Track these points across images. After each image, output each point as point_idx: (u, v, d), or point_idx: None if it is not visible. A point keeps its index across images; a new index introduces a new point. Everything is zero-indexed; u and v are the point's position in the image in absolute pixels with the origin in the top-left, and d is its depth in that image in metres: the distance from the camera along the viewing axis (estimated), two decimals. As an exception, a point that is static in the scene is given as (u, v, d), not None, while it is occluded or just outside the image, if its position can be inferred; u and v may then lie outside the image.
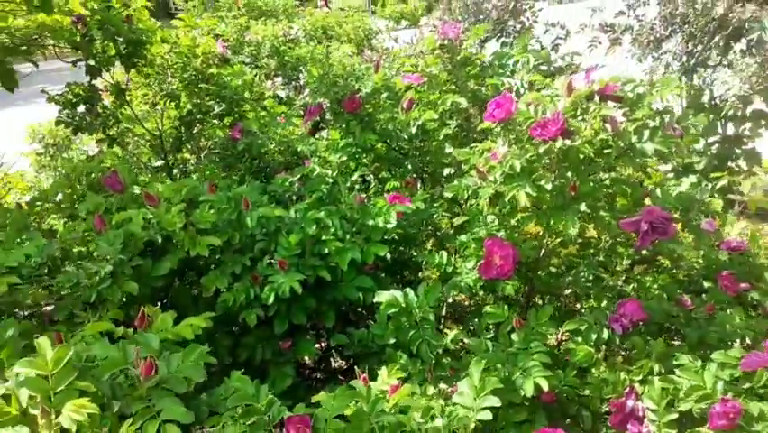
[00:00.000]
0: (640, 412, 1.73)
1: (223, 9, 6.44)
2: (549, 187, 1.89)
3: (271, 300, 1.89)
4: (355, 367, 1.53)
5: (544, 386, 1.74)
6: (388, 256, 2.52)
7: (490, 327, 2.17)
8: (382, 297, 1.87)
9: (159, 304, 2.05)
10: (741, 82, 3.60)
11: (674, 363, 1.78)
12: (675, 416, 1.64)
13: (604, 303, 2.17)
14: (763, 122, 5.21)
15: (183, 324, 1.41)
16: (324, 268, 2.02)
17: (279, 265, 1.93)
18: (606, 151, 2.00)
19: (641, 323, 2.02)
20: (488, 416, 1.39)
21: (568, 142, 1.84)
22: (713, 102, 5.29)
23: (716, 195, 4.83)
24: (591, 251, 2.29)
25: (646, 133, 1.94)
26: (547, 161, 1.96)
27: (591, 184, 1.95)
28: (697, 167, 5.39)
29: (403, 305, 1.86)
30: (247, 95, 3.38)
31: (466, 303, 2.81)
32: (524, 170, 1.91)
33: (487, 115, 2.01)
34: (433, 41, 2.76)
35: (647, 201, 2.19)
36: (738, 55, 3.68)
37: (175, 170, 3.53)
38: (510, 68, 2.67)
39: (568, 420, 1.92)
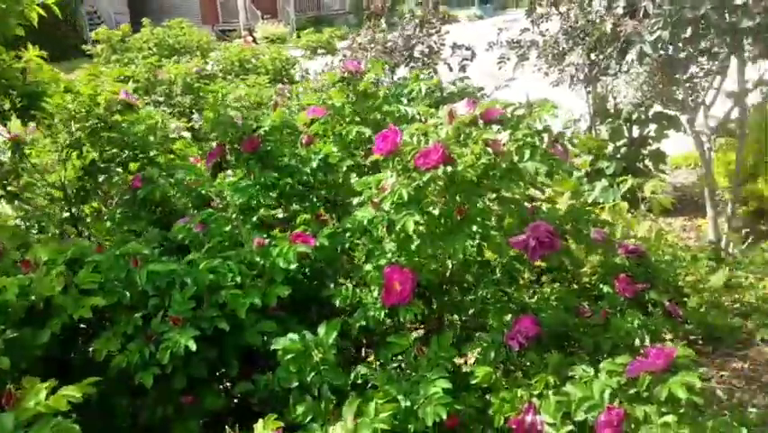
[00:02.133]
0: (539, 427, 1.77)
1: (133, 50, 6.36)
2: (437, 212, 1.94)
3: (167, 360, 1.85)
4: (226, 427, 1.52)
5: (442, 414, 1.76)
6: (296, 295, 2.54)
7: (399, 356, 2.19)
8: (279, 343, 1.86)
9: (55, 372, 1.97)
10: (634, 90, 3.80)
11: (569, 374, 1.84)
12: (570, 428, 1.70)
13: (508, 317, 2.23)
14: (666, 123, 5.51)
15: (57, 395, 1.37)
16: (222, 319, 1.99)
17: (173, 322, 1.90)
18: (492, 173, 2.06)
19: (539, 337, 2.09)
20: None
21: (449, 168, 1.89)
22: (617, 108, 5.55)
23: (627, 196, 5.05)
24: (490, 269, 2.35)
25: (527, 153, 2.01)
26: (436, 188, 2.01)
27: (479, 206, 2.00)
28: (607, 171, 5.64)
29: (301, 348, 1.86)
30: (152, 139, 3.33)
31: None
32: (412, 199, 1.95)
33: (375, 147, 2.05)
34: (334, 75, 2.81)
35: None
36: (630, 65, 3.88)
37: (82, 223, 3.43)
38: (408, 96, 2.74)
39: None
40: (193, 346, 1.82)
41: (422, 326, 2.65)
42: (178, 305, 1.92)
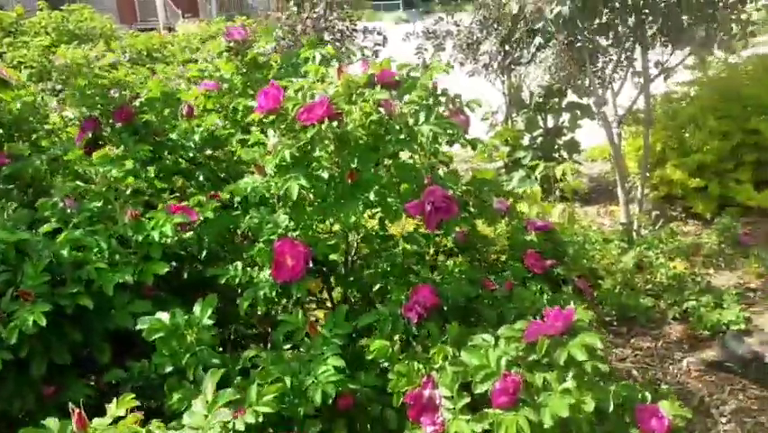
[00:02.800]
0: (438, 401, 1.64)
1: (29, 34, 5.90)
2: (326, 176, 1.78)
3: (14, 339, 1.60)
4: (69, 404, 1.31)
5: (331, 393, 1.61)
6: (188, 279, 2.33)
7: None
8: (144, 322, 1.66)
9: None
10: (543, 72, 3.79)
11: (470, 344, 1.72)
12: (468, 400, 1.57)
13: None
14: (578, 112, 5.59)
15: None
16: (85, 295, 1.76)
17: (23, 298, 1.66)
18: (388, 138, 1.93)
19: (442, 308, 1.97)
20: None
21: (336, 124, 1.74)
22: (532, 98, 5.59)
23: (544, 185, 5.07)
24: (393, 243, 2.22)
25: (422, 116, 1.89)
26: (326, 153, 1.86)
27: (372, 172, 1.86)
28: (524, 161, 5.67)
29: (171, 327, 1.65)
30: (32, 119, 3.02)
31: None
32: (297, 161, 1.79)
33: (257, 106, 1.87)
34: (218, 44, 2.61)
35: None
36: (538, 48, 3.88)
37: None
38: (303, 67, 2.58)
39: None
40: (42, 322, 1.59)
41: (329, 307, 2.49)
42: (30, 279, 1.68)
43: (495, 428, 1.43)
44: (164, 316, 1.68)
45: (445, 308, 2.03)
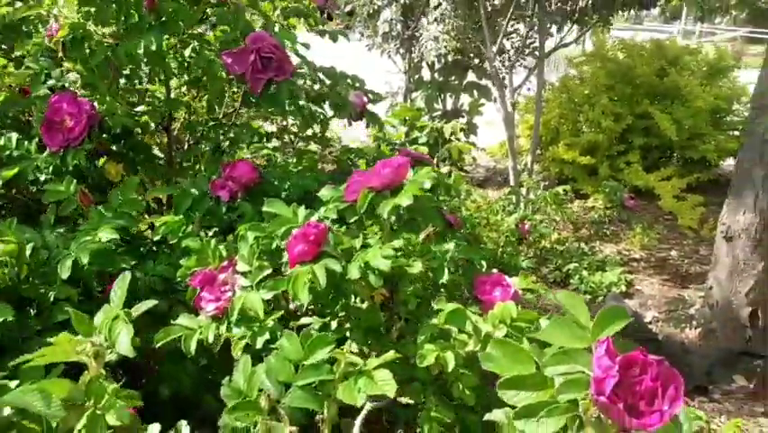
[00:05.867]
0: (237, 283, 1.26)
1: None
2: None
3: None
4: None
5: (84, 259, 1.21)
6: None
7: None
8: None
9: None
10: (441, 27, 3.56)
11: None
12: (270, 271, 1.20)
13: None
14: (476, 92, 5.43)
15: None
16: None
17: None
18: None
19: (261, 188, 1.60)
20: None
21: None
22: (433, 75, 5.39)
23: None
24: (221, 127, 1.83)
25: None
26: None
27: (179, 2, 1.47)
28: (420, 141, 5.44)
29: None
30: None
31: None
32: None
33: None
34: None
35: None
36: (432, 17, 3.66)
37: None
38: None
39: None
40: None
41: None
42: None
43: (287, 286, 1.06)
44: None
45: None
